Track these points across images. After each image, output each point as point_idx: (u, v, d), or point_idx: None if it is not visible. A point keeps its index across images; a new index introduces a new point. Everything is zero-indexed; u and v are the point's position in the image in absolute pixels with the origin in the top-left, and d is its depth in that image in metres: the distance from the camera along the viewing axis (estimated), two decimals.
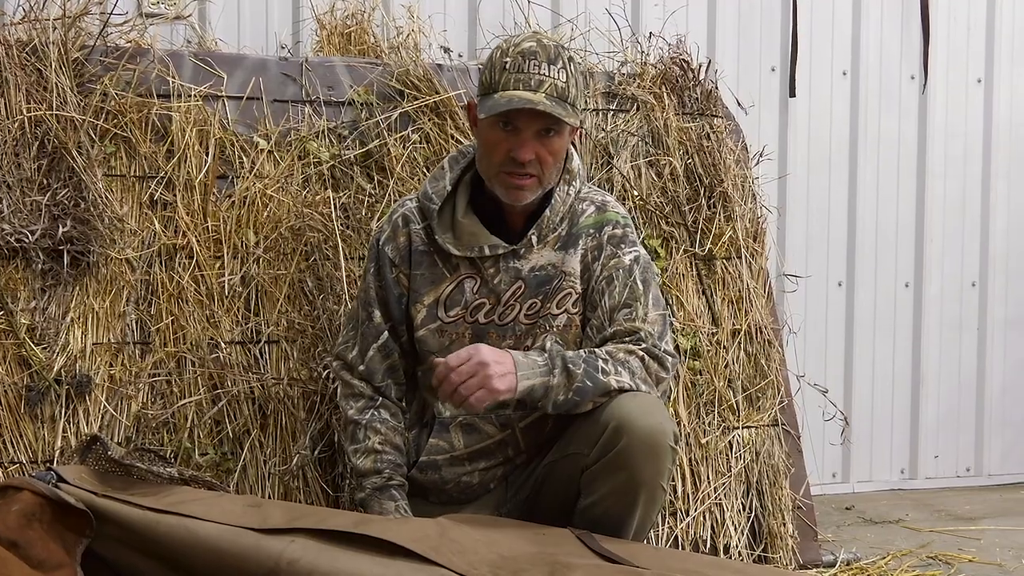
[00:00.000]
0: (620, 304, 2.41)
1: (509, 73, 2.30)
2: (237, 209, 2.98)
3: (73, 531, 2.07)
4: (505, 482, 2.48)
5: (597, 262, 2.45)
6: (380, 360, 2.50)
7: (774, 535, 3.12)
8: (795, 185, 4.15)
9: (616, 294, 2.42)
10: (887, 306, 4.30)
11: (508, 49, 2.33)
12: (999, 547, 3.41)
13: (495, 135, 2.35)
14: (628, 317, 2.40)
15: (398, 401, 2.52)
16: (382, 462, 2.44)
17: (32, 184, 2.81)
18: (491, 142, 2.36)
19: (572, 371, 2.28)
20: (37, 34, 2.93)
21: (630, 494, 2.27)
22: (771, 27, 4.13)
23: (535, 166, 2.34)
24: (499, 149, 2.34)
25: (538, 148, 2.33)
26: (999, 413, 4.44)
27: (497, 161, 2.35)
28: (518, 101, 2.28)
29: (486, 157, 2.39)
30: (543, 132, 2.33)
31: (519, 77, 2.30)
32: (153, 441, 2.77)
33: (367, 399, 2.50)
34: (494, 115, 2.31)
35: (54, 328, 2.75)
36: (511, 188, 2.37)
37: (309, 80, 3.18)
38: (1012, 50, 4.41)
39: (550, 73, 2.30)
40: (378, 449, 2.45)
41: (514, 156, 2.32)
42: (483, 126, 2.38)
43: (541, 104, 2.28)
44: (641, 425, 2.23)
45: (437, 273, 2.46)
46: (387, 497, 2.41)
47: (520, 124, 2.32)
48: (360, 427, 2.48)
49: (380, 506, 2.40)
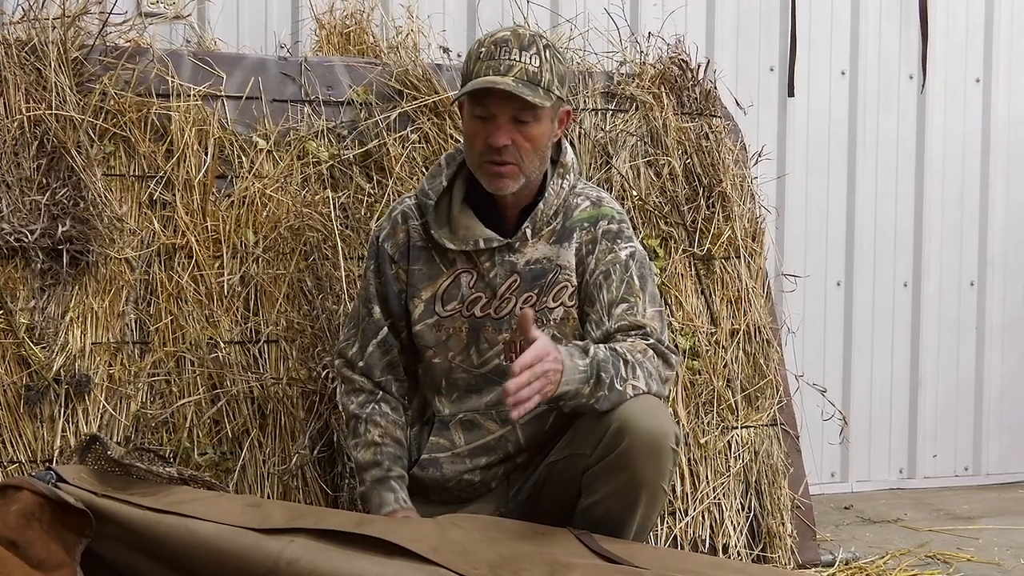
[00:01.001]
0: (618, 299, 2.42)
1: (482, 61, 2.33)
2: (236, 209, 2.98)
3: (73, 531, 2.07)
4: (507, 481, 2.48)
5: (591, 256, 2.45)
6: (379, 356, 2.51)
7: (773, 535, 3.12)
8: (794, 185, 4.15)
9: (614, 289, 2.42)
10: (886, 306, 4.30)
11: (485, 40, 2.37)
12: (997, 546, 3.42)
13: (473, 126, 2.37)
14: (628, 312, 2.40)
15: (399, 396, 2.53)
16: (381, 454, 2.44)
17: (31, 183, 2.81)
18: (470, 133, 2.39)
19: (602, 379, 2.25)
20: (36, 33, 2.93)
21: (631, 495, 2.27)
22: (770, 27, 4.13)
23: (512, 152, 2.35)
24: (478, 138, 2.36)
25: (514, 134, 2.34)
26: (997, 412, 4.44)
27: (477, 151, 2.37)
28: (482, 83, 2.30)
29: (469, 150, 2.41)
30: (518, 118, 2.34)
31: (489, 64, 2.32)
32: (152, 441, 2.77)
33: (367, 393, 2.51)
34: (470, 105, 2.34)
35: (53, 328, 2.75)
36: (492, 176, 2.38)
37: (308, 80, 3.18)
38: (1011, 50, 4.41)
39: (520, 58, 2.32)
40: (378, 442, 2.45)
41: (490, 143, 2.34)
42: (464, 120, 2.41)
43: (504, 85, 2.29)
44: (643, 426, 2.23)
45: (434, 268, 2.47)
46: (386, 489, 2.41)
47: (493, 110, 2.33)
48: (360, 421, 2.48)
49: (380, 498, 2.40)
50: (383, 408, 2.49)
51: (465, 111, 2.40)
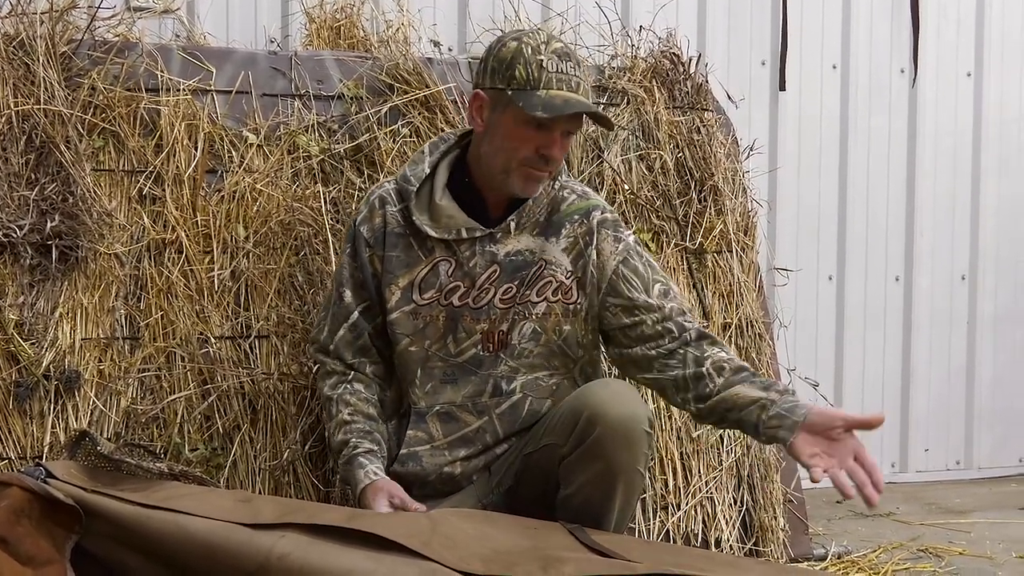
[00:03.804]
0: (651, 281, 2.45)
1: (549, 73, 2.32)
2: (226, 204, 2.97)
3: (62, 527, 2.05)
4: (488, 472, 2.47)
5: (591, 247, 2.45)
6: (351, 340, 2.50)
7: (765, 529, 3.12)
8: (785, 179, 4.15)
9: (641, 273, 2.45)
10: (877, 300, 4.30)
11: (538, 46, 2.34)
12: (989, 540, 3.42)
13: (526, 131, 2.35)
14: (665, 294, 2.44)
15: (373, 375, 2.52)
16: (350, 432, 2.43)
17: (20, 179, 2.80)
18: (519, 137, 2.36)
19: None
20: (24, 28, 2.92)
21: (608, 482, 2.28)
22: (761, 21, 4.13)
23: (555, 162, 2.39)
24: (527, 145, 2.35)
25: (563, 146, 2.39)
26: (989, 406, 4.44)
27: (523, 156, 2.37)
28: (575, 103, 2.32)
29: (507, 151, 2.38)
30: (568, 132, 2.38)
31: (560, 77, 2.33)
32: (143, 436, 2.76)
33: (339, 375, 2.51)
34: (542, 114, 2.31)
35: (43, 323, 2.74)
36: (530, 181, 2.39)
37: (298, 74, 3.17)
38: (1002, 44, 4.41)
39: (578, 73, 2.36)
40: (347, 420, 2.45)
41: (545, 154, 2.36)
42: (509, 120, 2.36)
43: (588, 107, 2.35)
44: (614, 414, 2.24)
45: (412, 256, 2.46)
46: (356, 467, 2.38)
47: (562, 124, 2.35)
48: (332, 402, 2.49)
49: (353, 477, 2.37)
50: (354, 387, 2.49)
51: (511, 112, 2.35)
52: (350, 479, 2.39)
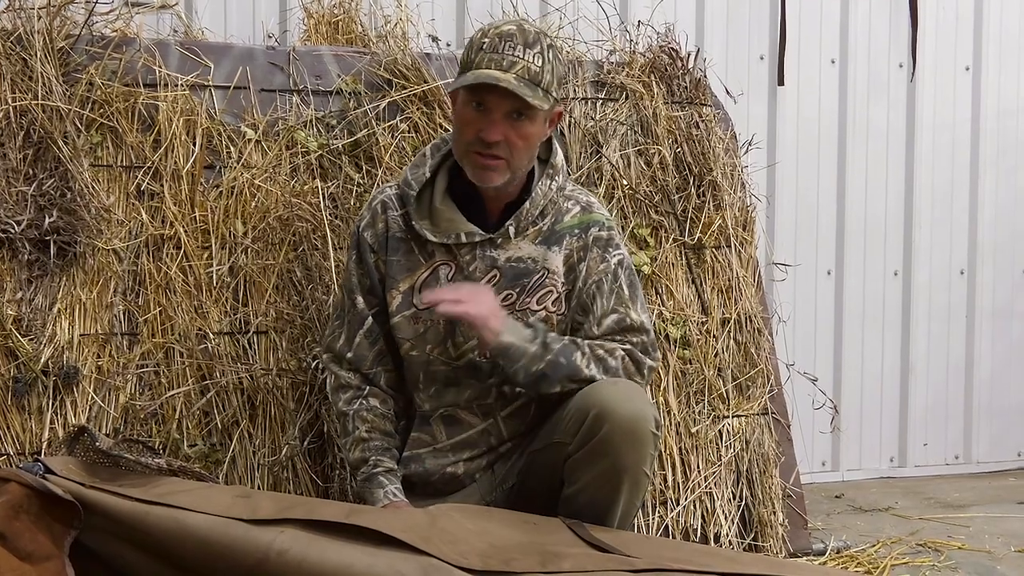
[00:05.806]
0: (610, 310, 2.44)
1: (484, 52, 2.32)
2: (225, 199, 2.97)
3: (61, 522, 2.06)
4: (491, 471, 2.48)
5: (583, 263, 2.46)
6: (368, 346, 2.49)
7: (764, 524, 3.12)
8: (784, 174, 4.14)
9: (605, 300, 2.44)
10: (876, 295, 4.30)
11: (488, 30, 2.35)
12: (988, 534, 3.43)
13: (467, 114, 2.36)
14: (618, 322, 2.43)
15: (388, 387, 2.52)
16: (368, 450, 2.43)
17: (18, 174, 2.79)
18: (463, 121, 2.37)
19: (549, 345, 2.34)
20: (22, 23, 2.91)
21: (613, 481, 2.27)
22: (759, 15, 4.12)
23: (504, 148, 2.34)
24: (470, 128, 2.35)
25: (507, 131, 2.33)
26: (987, 401, 4.44)
27: (467, 140, 2.36)
28: (484, 77, 2.29)
29: (458, 135, 2.40)
30: (513, 115, 2.33)
31: (492, 56, 2.31)
32: (141, 432, 2.76)
33: (355, 389, 2.50)
34: (465, 93, 2.33)
35: (41, 319, 2.73)
36: (479, 168, 2.37)
37: (296, 69, 3.16)
38: (1000, 38, 4.41)
39: (524, 56, 2.31)
40: (365, 438, 2.44)
41: (482, 136, 2.33)
42: (457, 105, 2.40)
43: (507, 83, 2.28)
44: (622, 412, 2.24)
45: (413, 260, 2.46)
46: (375, 485, 2.40)
47: (490, 104, 2.32)
48: (348, 418, 2.47)
49: (371, 496, 2.39)
50: (370, 402, 2.48)
51: (459, 98, 2.38)
52: (368, 498, 2.40)
